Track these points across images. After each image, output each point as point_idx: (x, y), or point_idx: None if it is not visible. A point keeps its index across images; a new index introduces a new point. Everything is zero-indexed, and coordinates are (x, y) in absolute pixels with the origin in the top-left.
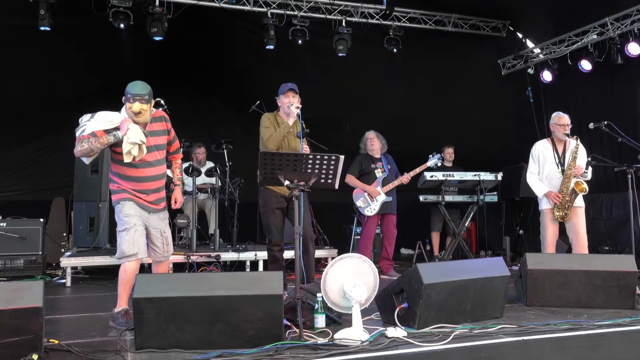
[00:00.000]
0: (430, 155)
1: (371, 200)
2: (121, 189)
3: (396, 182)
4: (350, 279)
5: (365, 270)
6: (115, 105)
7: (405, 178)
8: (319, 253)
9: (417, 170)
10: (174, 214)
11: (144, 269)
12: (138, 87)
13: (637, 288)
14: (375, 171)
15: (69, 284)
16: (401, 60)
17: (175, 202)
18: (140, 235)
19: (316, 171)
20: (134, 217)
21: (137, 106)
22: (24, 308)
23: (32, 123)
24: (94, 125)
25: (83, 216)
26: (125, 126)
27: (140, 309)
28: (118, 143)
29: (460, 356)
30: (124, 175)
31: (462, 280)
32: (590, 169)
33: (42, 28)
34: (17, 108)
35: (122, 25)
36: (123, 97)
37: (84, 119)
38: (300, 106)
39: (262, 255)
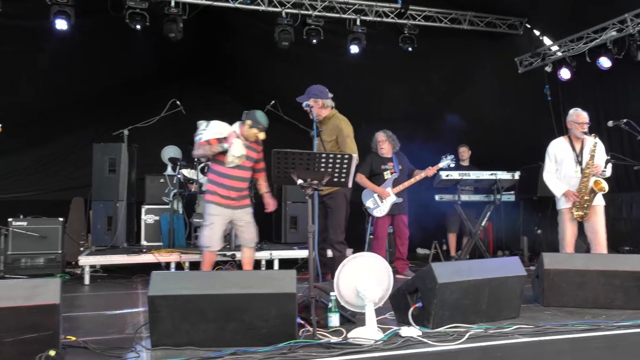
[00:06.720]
0: (443, 157)
1: (380, 201)
2: (212, 191)
3: (406, 184)
4: (364, 278)
5: (379, 269)
6: (131, 103)
7: (413, 179)
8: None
9: (430, 172)
10: (190, 213)
11: (160, 267)
12: (266, 120)
13: None
14: (385, 172)
15: (87, 282)
16: (416, 58)
17: (269, 206)
18: (216, 232)
19: (329, 170)
20: (213, 217)
21: (262, 135)
22: (41, 305)
23: (50, 124)
24: (209, 134)
25: (101, 215)
26: (231, 141)
27: (155, 306)
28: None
29: (475, 356)
30: (218, 172)
31: (477, 280)
32: (610, 166)
33: (58, 27)
34: (35, 109)
35: (138, 27)
36: (245, 120)
37: (201, 126)
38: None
39: (278, 254)
